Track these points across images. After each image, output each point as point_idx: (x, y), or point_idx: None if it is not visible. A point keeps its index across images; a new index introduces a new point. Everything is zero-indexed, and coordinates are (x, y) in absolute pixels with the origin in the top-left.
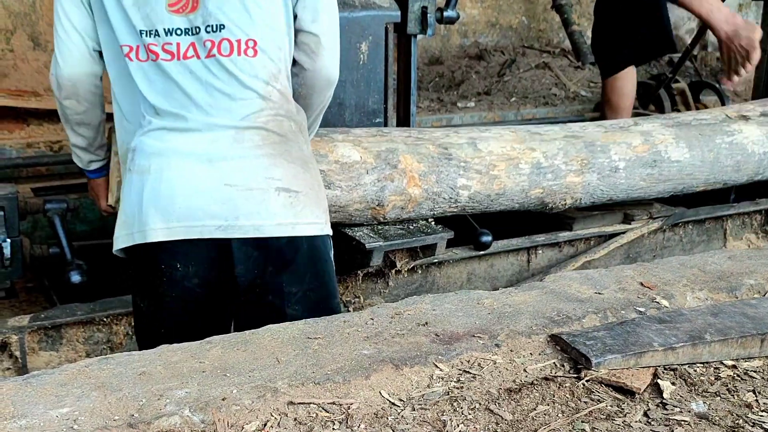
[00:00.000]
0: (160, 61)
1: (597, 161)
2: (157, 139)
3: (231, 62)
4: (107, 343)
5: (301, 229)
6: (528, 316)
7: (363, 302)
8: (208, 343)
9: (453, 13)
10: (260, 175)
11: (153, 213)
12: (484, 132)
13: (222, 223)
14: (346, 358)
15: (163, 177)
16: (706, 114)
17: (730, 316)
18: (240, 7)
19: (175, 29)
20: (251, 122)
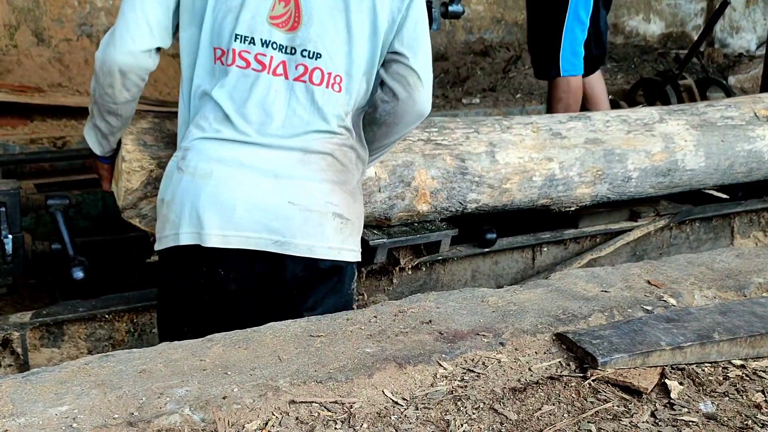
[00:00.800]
0: (249, 70)
1: (612, 171)
2: (222, 146)
3: (318, 92)
4: (109, 339)
5: (345, 254)
6: (533, 315)
7: (367, 299)
8: (210, 341)
9: (458, 8)
10: (321, 198)
11: (211, 218)
12: (506, 132)
13: (279, 239)
14: (348, 356)
15: (226, 185)
16: (734, 110)
17: (739, 315)
18: (338, 42)
19: (272, 42)
20: (319, 147)
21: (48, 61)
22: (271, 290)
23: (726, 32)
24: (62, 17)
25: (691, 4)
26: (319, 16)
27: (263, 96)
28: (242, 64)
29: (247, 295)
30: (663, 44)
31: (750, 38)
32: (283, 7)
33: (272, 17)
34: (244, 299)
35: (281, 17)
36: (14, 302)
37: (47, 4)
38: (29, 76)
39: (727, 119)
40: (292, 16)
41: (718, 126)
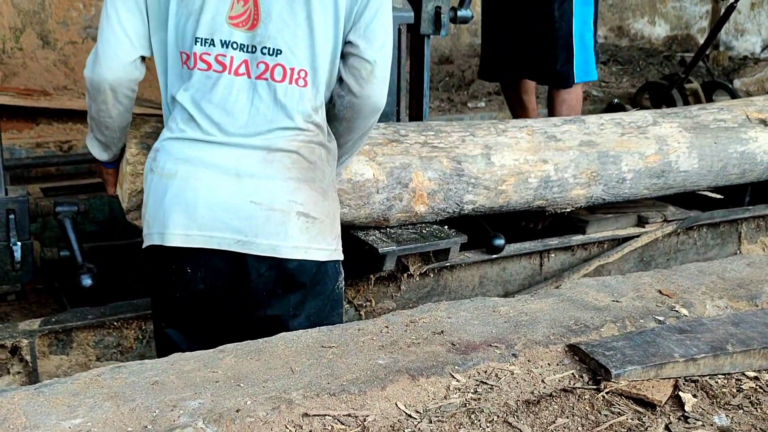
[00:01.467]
0: (211, 71)
1: (606, 173)
2: (187, 146)
3: (281, 89)
4: (117, 347)
5: (313, 253)
6: (545, 325)
7: (375, 305)
8: (221, 352)
9: (467, 13)
10: (284, 197)
11: (174, 218)
12: (501, 135)
13: (241, 238)
14: (361, 368)
15: (189, 185)
16: (727, 113)
17: (752, 325)
18: (299, 35)
19: (232, 42)
20: (284, 145)
21: (53, 64)
22: (239, 290)
23: (731, 35)
24: (67, 20)
25: (696, 6)
26: (278, 11)
27: (225, 96)
28: (204, 67)
29: (217, 295)
30: (668, 47)
31: (755, 41)
32: (242, 6)
33: (231, 17)
34: (214, 299)
35: (240, 16)
36: (22, 308)
37: (52, 7)
38: (35, 78)
39: (720, 122)
40: (251, 15)
41: (711, 128)
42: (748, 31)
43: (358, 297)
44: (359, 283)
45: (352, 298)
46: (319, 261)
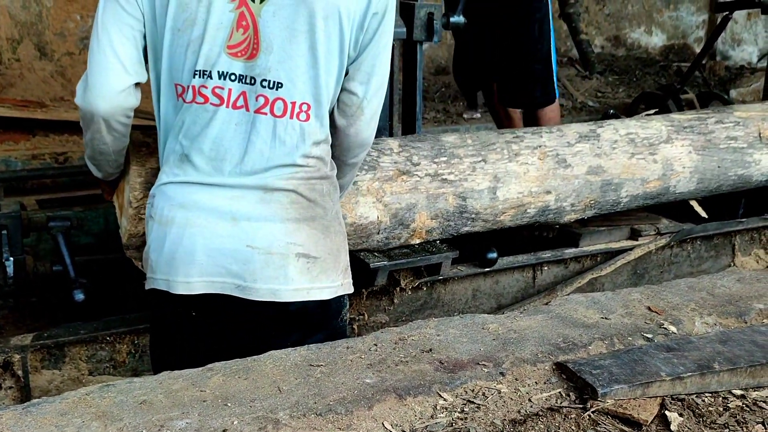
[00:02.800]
0: (208, 105)
1: (604, 200)
2: (182, 191)
3: (281, 125)
4: (110, 361)
5: (316, 293)
6: (533, 343)
7: (367, 319)
8: (210, 371)
9: (460, 19)
10: (282, 240)
11: (176, 265)
12: (513, 160)
13: (241, 283)
14: (348, 387)
15: (186, 231)
16: (741, 129)
17: (739, 343)
18: (302, 67)
19: (230, 74)
20: (281, 185)
21: (50, 75)
22: (244, 333)
23: (728, 45)
24: (65, 31)
25: (692, 16)
26: (279, 41)
27: (222, 132)
28: (201, 100)
29: (219, 336)
30: (665, 57)
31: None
32: (241, 35)
33: (230, 46)
34: (216, 339)
35: (239, 45)
36: (16, 321)
37: (50, 18)
38: (32, 90)
39: (731, 140)
40: (251, 44)
41: (720, 148)
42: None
43: (351, 311)
44: (352, 297)
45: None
46: (323, 300)
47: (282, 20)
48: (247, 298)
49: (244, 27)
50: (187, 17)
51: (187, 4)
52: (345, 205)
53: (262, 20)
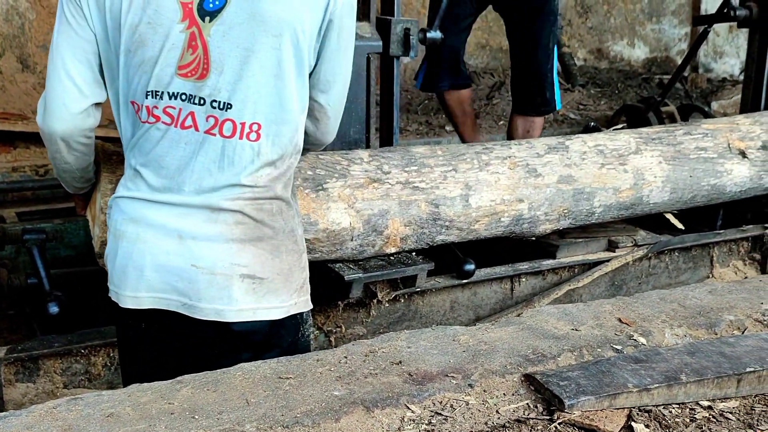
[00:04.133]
0: (159, 123)
1: (577, 209)
2: (134, 206)
3: (230, 146)
4: (85, 374)
5: (262, 314)
6: (503, 355)
7: (345, 332)
8: (179, 383)
9: (437, 34)
10: (226, 260)
11: (124, 280)
12: (483, 170)
13: (186, 301)
14: (316, 399)
15: (136, 247)
16: (710, 140)
17: (707, 355)
18: (254, 86)
19: (180, 94)
20: (227, 205)
21: (33, 87)
22: (193, 350)
23: (710, 57)
24: (47, 43)
25: (675, 29)
26: (230, 61)
27: (171, 151)
28: (152, 120)
29: (172, 351)
30: (647, 69)
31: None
32: (190, 55)
33: (181, 67)
34: (169, 354)
35: (189, 66)
36: None
37: (32, 31)
38: (13, 102)
39: (701, 151)
40: (200, 63)
41: (691, 158)
42: (727, 54)
43: (328, 323)
44: (328, 309)
45: (322, 324)
46: (271, 320)
47: (233, 40)
48: (192, 317)
49: (194, 47)
50: (138, 38)
51: (137, 26)
52: (316, 211)
53: (212, 40)
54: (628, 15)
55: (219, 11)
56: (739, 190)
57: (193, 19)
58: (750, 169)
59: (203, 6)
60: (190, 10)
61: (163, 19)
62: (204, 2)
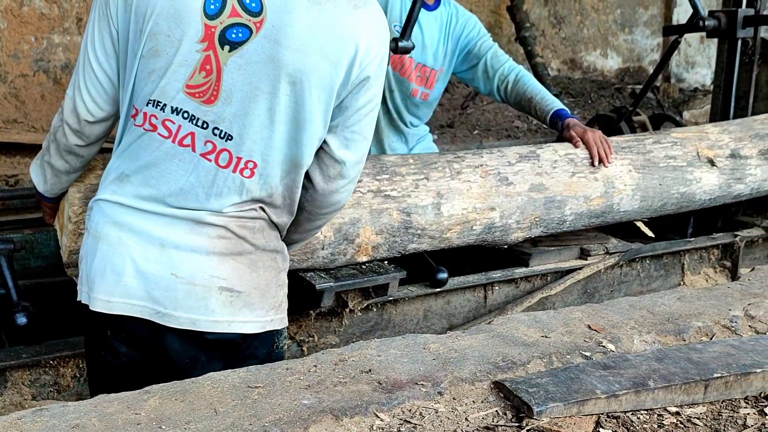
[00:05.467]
0: (155, 134)
1: (549, 217)
2: (117, 210)
3: (221, 175)
4: (54, 385)
5: (237, 326)
6: (473, 362)
7: (317, 341)
8: (146, 393)
9: (408, 44)
10: (206, 272)
11: (99, 282)
12: (455, 178)
13: (161, 310)
14: (285, 408)
15: (117, 251)
16: (679, 149)
17: (675, 361)
18: (257, 125)
19: (183, 111)
20: (212, 220)
21: (4, 97)
22: (161, 358)
23: (682, 67)
24: (18, 53)
25: (647, 39)
26: (240, 95)
27: (164, 164)
28: (149, 128)
29: (140, 360)
30: (620, 79)
31: (705, 73)
32: (203, 77)
33: (189, 86)
34: (137, 363)
35: (199, 87)
36: None
37: (3, 40)
38: None
39: (670, 159)
40: (210, 88)
41: (660, 167)
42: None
43: (300, 333)
44: (300, 319)
45: (294, 334)
46: (247, 334)
47: (247, 75)
48: (166, 325)
49: (207, 71)
50: (153, 46)
51: (156, 35)
52: None
53: (227, 69)
54: (601, 26)
55: (241, 44)
56: (708, 198)
57: (212, 43)
58: (719, 177)
59: (226, 34)
60: (212, 33)
61: (183, 35)
62: (228, 31)
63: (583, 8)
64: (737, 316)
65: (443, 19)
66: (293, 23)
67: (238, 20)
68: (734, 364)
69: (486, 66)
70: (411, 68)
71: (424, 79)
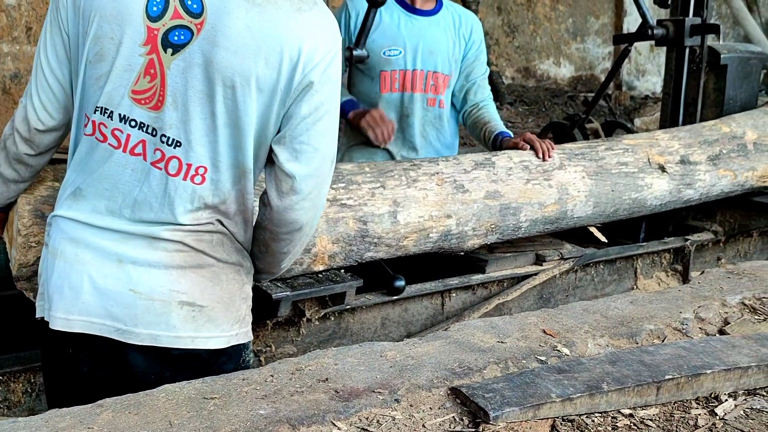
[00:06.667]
0: (106, 144)
1: (504, 224)
2: (73, 227)
3: (172, 183)
4: (4, 401)
5: (201, 342)
6: (430, 369)
7: (275, 351)
8: (99, 407)
9: (363, 52)
10: (165, 286)
11: (57, 300)
12: (411, 186)
13: (121, 327)
14: (241, 419)
15: (74, 268)
16: (631, 155)
17: (628, 364)
18: (203, 129)
19: (131, 119)
20: (168, 236)
21: None
22: (124, 375)
23: (633, 75)
24: None
25: (599, 48)
26: (184, 99)
27: (117, 175)
28: (100, 138)
29: (102, 378)
30: (573, 87)
31: (655, 81)
32: (147, 82)
33: (134, 91)
34: (99, 381)
35: (144, 93)
36: None
37: None
38: None
39: (622, 165)
40: (156, 94)
41: (612, 173)
42: (649, 72)
43: (258, 342)
44: (257, 329)
45: (251, 344)
46: (210, 349)
47: (190, 79)
48: (127, 342)
49: (151, 75)
50: (98, 51)
51: (101, 38)
52: None
53: (171, 73)
54: (553, 35)
55: (183, 46)
56: (659, 203)
57: (155, 46)
58: (669, 183)
59: (169, 37)
60: (154, 36)
61: (125, 38)
62: (170, 33)
63: (536, 17)
64: (688, 318)
65: (448, 22)
66: (232, 25)
67: (180, 22)
68: (685, 366)
69: (469, 91)
70: (420, 81)
71: (438, 87)
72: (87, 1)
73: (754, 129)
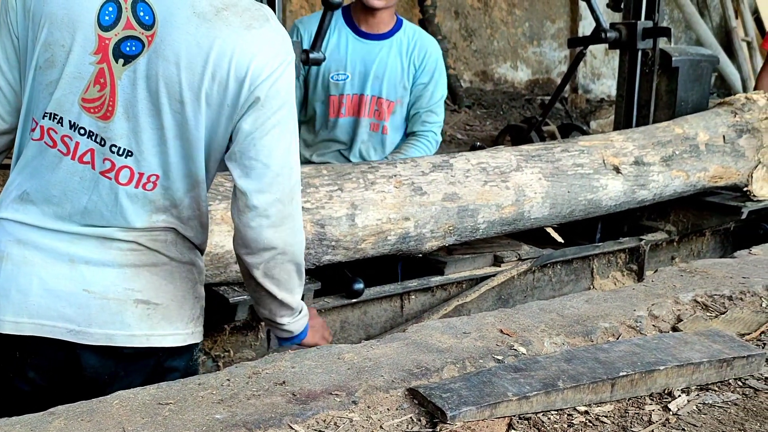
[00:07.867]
0: (55, 150)
1: (462, 226)
2: (20, 229)
3: (123, 192)
4: None
5: (156, 340)
6: (387, 370)
7: (233, 356)
8: (51, 414)
9: (319, 55)
10: (120, 285)
11: (5, 304)
12: (369, 189)
13: (74, 328)
14: (197, 424)
15: (22, 270)
16: (586, 157)
17: (583, 361)
18: (153, 139)
19: (80, 127)
20: (122, 236)
21: None
22: (75, 380)
23: (588, 79)
24: None
25: (555, 52)
26: (135, 110)
27: (66, 182)
28: (50, 143)
29: (53, 383)
30: (530, 90)
31: (611, 84)
32: (97, 91)
33: (84, 99)
34: (49, 386)
35: (94, 102)
36: None
37: None
38: None
39: (578, 167)
40: (105, 104)
41: (569, 175)
42: (604, 75)
43: (216, 348)
44: (215, 334)
45: (210, 349)
46: (166, 347)
47: (141, 91)
48: (80, 343)
49: (101, 84)
50: (48, 57)
51: (51, 45)
52: None
53: (121, 83)
54: (510, 38)
55: (134, 57)
56: (614, 204)
57: (106, 55)
58: (624, 183)
59: (121, 47)
60: (105, 46)
61: (75, 45)
62: (122, 44)
63: (492, 21)
64: (642, 316)
65: (401, 46)
66: (181, 39)
67: (131, 33)
68: (639, 363)
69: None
70: (365, 106)
71: (382, 113)
72: (37, 6)
73: (706, 130)
